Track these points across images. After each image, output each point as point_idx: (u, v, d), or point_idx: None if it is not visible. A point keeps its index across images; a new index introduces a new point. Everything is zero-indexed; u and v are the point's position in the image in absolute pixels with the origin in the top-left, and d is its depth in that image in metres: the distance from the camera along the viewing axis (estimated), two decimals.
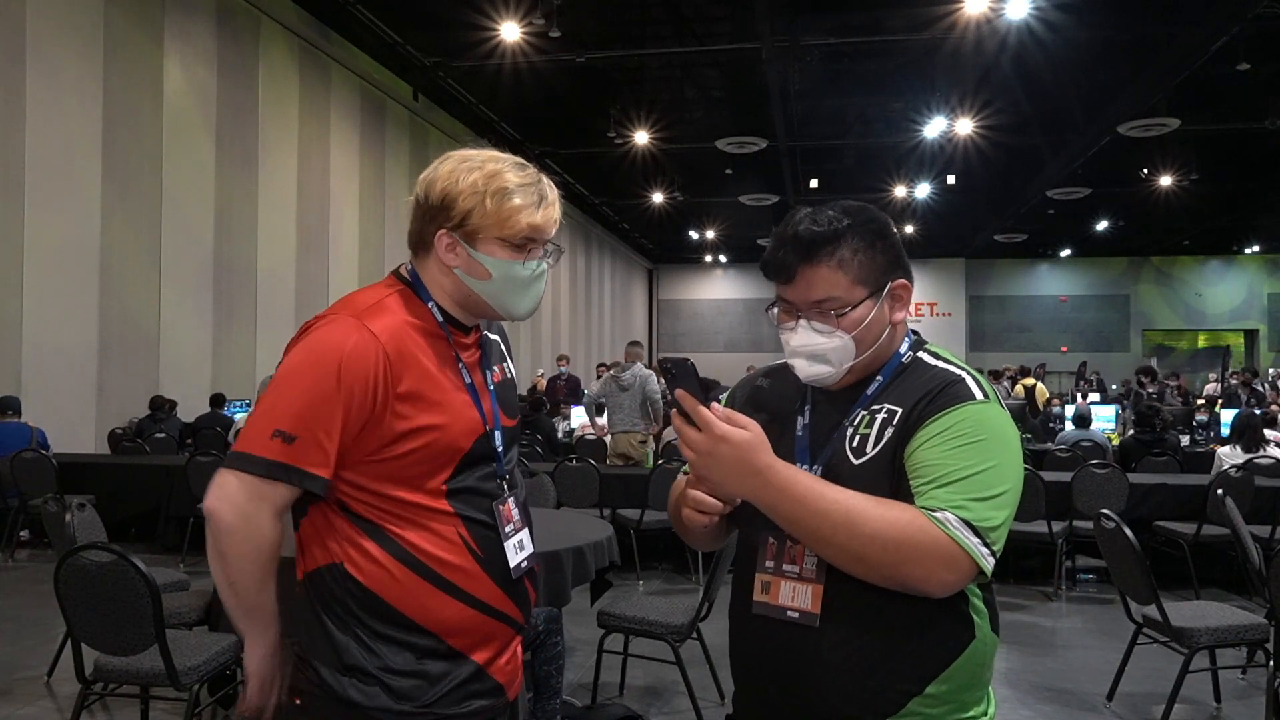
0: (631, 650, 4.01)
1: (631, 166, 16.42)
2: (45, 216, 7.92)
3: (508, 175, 1.46)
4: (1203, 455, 8.55)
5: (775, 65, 11.42)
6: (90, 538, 3.59)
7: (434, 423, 1.42)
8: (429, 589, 1.42)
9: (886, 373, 1.38)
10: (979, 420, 1.28)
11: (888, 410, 1.33)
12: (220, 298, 10.05)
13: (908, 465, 1.28)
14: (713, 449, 1.24)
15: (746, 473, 1.24)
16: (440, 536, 1.44)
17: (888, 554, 1.20)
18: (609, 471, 6.91)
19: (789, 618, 1.32)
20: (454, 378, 1.48)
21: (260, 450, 1.37)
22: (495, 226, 1.44)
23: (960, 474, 1.23)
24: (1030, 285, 27.28)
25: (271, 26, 10.79)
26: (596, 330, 23.61)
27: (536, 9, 10.00)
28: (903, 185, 17.63)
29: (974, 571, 1.22)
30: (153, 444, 8.26)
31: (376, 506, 1.42)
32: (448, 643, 1.44)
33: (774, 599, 1.34)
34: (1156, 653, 4.24)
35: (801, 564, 1.33)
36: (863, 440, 1.33)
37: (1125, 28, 10.83)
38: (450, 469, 1.45)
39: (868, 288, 1.34)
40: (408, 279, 1.52)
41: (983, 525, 1.21)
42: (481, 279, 1.47)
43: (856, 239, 1.35)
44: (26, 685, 4.24)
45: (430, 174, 1.48)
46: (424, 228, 1.48)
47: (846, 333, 1.34)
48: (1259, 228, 22.72)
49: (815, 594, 1.31)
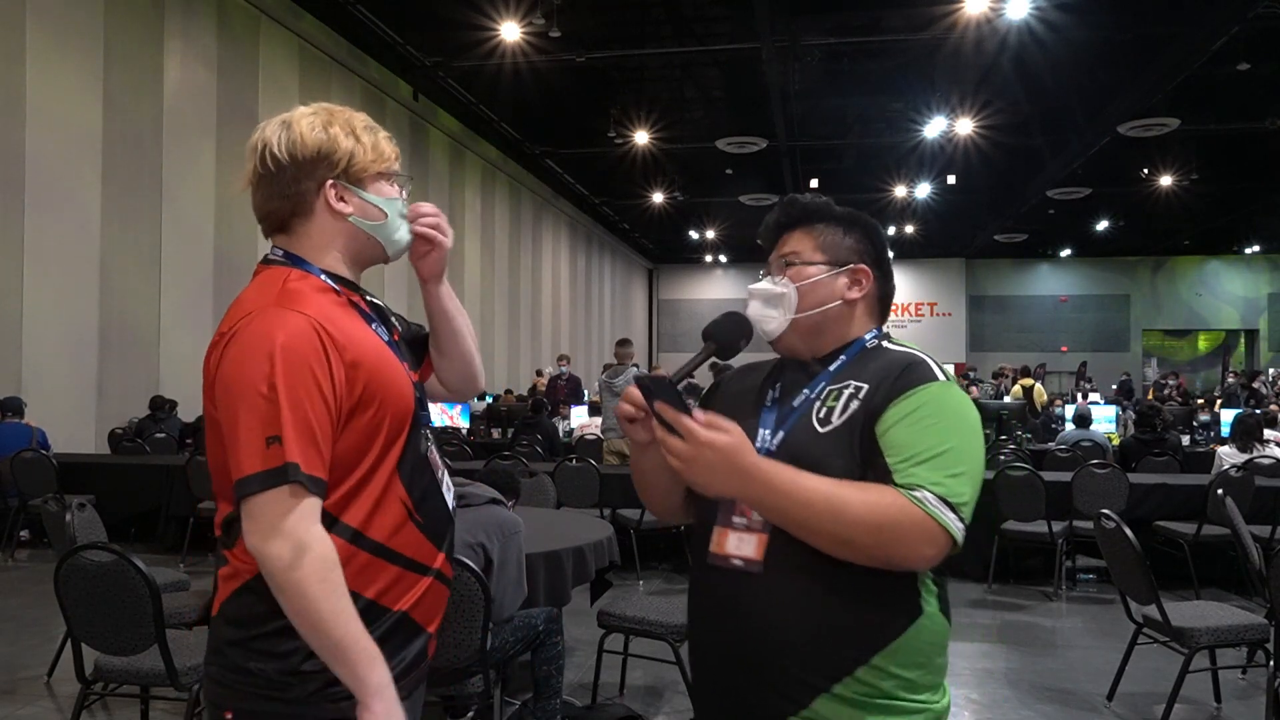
0: (631, 650, 4.01)
1: (631, 166, 16.43)
2: (45, 216, 7.92)
3: (354, 117, 1.46)
4: (1203, 455, 8.55)
5: (775, 65, 11.42)
6: (90, 538, 3.59)
7: (379, 388, 1.37)
8: (375, 563, 1.38)
9: (850, 353, 1.48)
10: (943, 400, 1.36)
11: (854, 386, 1.41)
12: (220, 298, 10.04)
13: (882, 443, 1.34)
14: (698, 455, 1.28)
15: (731, 473, 1.28)
16: (388, 508, 1.39)
17: (872, 536, 1.26)
18: (609, 471, 6.90)
19: (734, 565, 1.38)
20: (375, 339, 1.43)
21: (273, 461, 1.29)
22: (375, 162, 1.45)
23: (931, 452, 1.30)
24: (1030, 285, 27.28)
25: (271, 26, 10.79)
26: (596, 330, 23.61)
27: (536, 9, 10.01)
28: (903, 185, 17.63)
29: (950, 544, 1.28)
30: (153, 444, 8.26)
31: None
32: (408, 615, 1.41)
33: (720, 548, 1.41)
34: (1156, 653, 4.24)
35: (750, 515, 1.39)
36: (829, 411, 1.40)
37: (1125, 28, 10.83)
38: (402, 436, 1.41)
39: (828, 257, 1.49)
40: (283, 260, 1.45)
41: (956, 500, 1.28)
42: (377, 220, 1.46)
43: (836, 221, 1.52)
44: (26, 685, 4.24)
45: (284, 136, 1.40)
46: (297, 191, 1.41)
47: (793, 283, 1.48)
48: (1259, 228, 22.72)
49: (760, 542, 1.37)
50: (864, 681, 1.32)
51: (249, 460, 1.27)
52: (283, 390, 1.27)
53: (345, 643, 1.28)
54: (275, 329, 1.31)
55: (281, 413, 1.27)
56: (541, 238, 19.43)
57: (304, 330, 1.32)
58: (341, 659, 1.29)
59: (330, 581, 1.27)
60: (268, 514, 1.26)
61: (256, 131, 1.45)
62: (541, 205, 19.27)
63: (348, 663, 1.29)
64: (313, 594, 1.26)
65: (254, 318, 1.34)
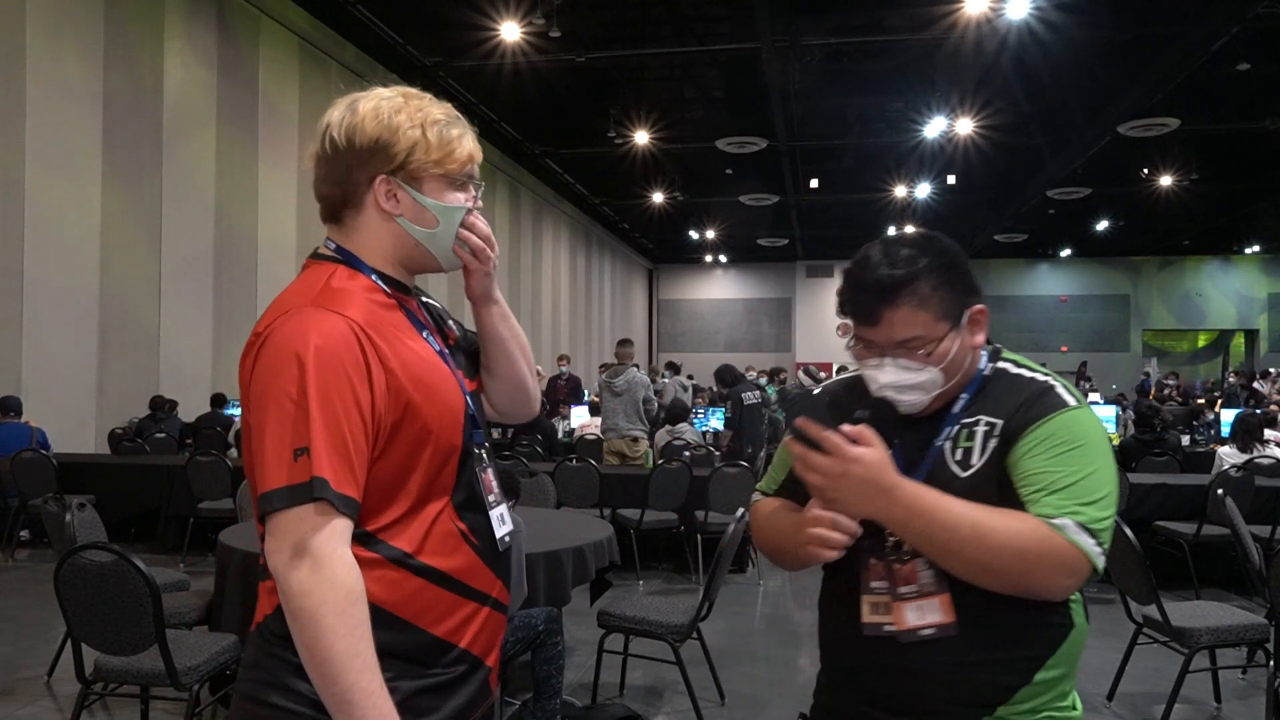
0: (631, 650, 4.01)
1: (631, 166, 16.42)
2: (45, 216, 7.92)
3: (432, 108, 1.33)
4: (1203, 455, 8.55)
5: (775, 65, 11.42)
6: (90, 538, 3.58)
7: (425, 400, 1.26)
8: (430, 589, 1.27)
9: (971, 389, 1.42)
10: (1075, 427, 1.33)
11: (986, 423, 1.38)
12: (220, 298, 10.05)
13: (1013, 473, 1.32)
14: (846, 471, 1.27)
15: (876, 491, 1.27)
16: (440, 530, 1.29)
17: (1014, 563, 1.25)
18: (609, 471, 6.91)
19: (925, 636, 1.34)
20: (424, 347, 1.31)
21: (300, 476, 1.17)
22: (439, 162, 1.30)
23: (1068, 480, 1.28)
24: (1030, 285, 27.27)
25: (271, 26, 10.79)
26: (596, 330, 23.60)
27: (536, 9, 10.00)
28: (903, 185, 17.62)
29: (1090, 572, 1.27)
30: (153, 444, 8.27)
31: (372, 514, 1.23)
32: (452, 643, 1.29)
33: (900, 623, 1.36)
34: (1156, 653, 4.24)
35: (917, 581, 1.36)
36: (966, 453, 1.37)
37: (1125, 28, 10.82)
38: (455, 453, 1.30)
39: (950, 321, 1.37)
40: (336, 256, 1.34)
41: (1095, 527, 1.26)
42: (428, 227, 1.33)
43: (933, 275, 1.37)
44: (26, 685, 4.24)
45: (347, 119, 1.30)
46: (350, 179, 1.30)
47: (935, 366, 1.37)
48: (1259, 228, 22.71)
49: (944, 604, 1.34)
50: (1023, 700, 1.33)
51: (274, 473, 1.16)
52: (314, 398, 1.16)
53: (354, 695, 1.13)
54: (309, 331, 1.20)
55: (312, 423, 1.16)
56: (541, 237, 19.43)
57: (341, 333, 1.21)
58: (348, 712, 1.13)
59: (350, 617, 1.14)
60: (291, 533, 1.15)
61: (331, 107, 1.35)
62: (541, 205, 19.26)
63: (353, 718, 1.13)
64: (328, 626, 1.13)
65: (289, 318, 1.23)
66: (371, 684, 1.15)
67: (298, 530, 1.15)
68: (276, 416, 1.18)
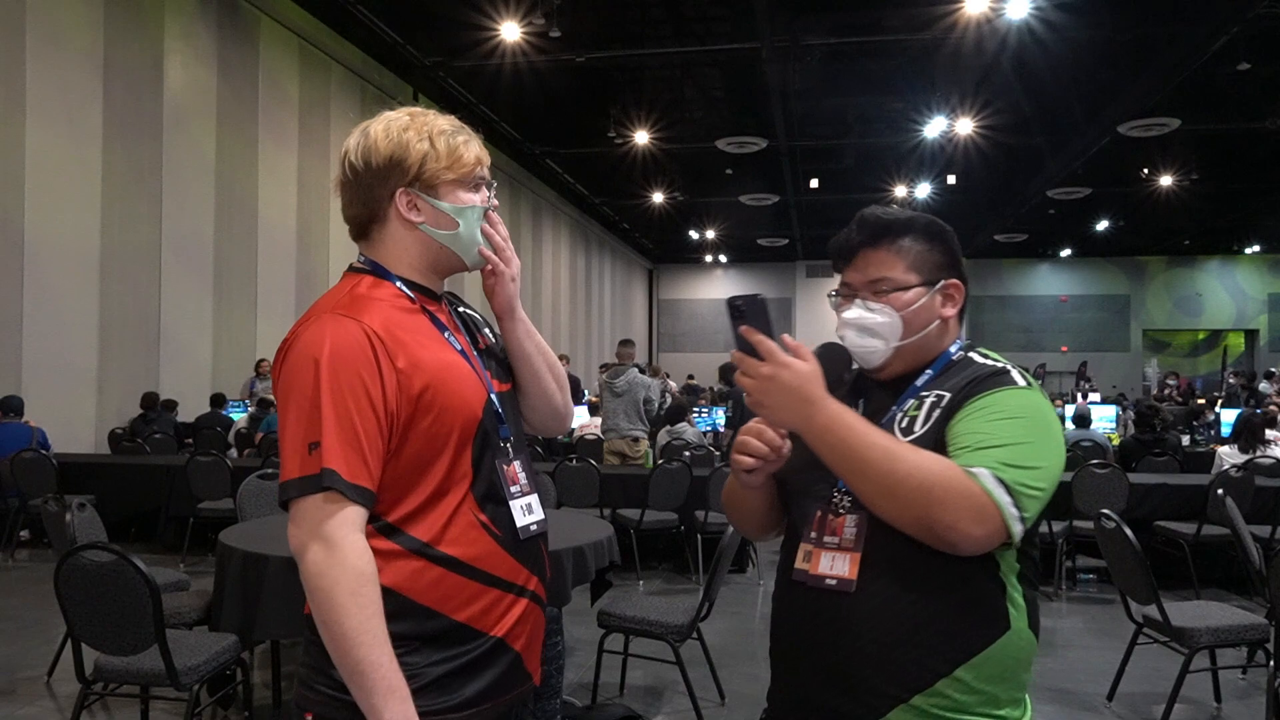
0: (631, 650, 4.01)
1: (631, 166, 16.43)
2: (45, 216, 7.92)
3: (437, 120, 1.44)
4: (1203, 455, 8.55)
5: (775, 65, 11.42)
6: (90, 538, 3.58)
7: (439, 395, 1.35)
8: (451, 578, 1.36)
9: (937, 367, 1.45)
10: (1019, 400, 1.33)
11: (936, 395, 1.39)
12: (221, 297, 10.06)
13: (948, 437, 1.32)
14: (775, 374, 1.28)
15: (801, 401, 1.28)
16: (461, 521, 1.37)
17: (919, 493, 1.22)
18: (609, 471, 6.91)
19: (827, 585, 1.36)
20: (444, 346, 1.42)
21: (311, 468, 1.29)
22: (449, 168, 1.42)
23: (998, 441, 1.27)
24: (1030, 285, 27.28)
25: (271, 26, 10.79)
26: (596, 330, 23.61)
27: (536, 9, 10.01)
28: (903, 185, 17.62)
29: (1002, 531, 1.23)
30: (153, 444, 8.27)
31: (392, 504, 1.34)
32: (477, 629, 1.37)
33: (814, 568, 1.39)
34: (1156, 653, 4.25)
35: (841, 534, 1.38)
36: (911, 420, 1.39)
37: (1125, 28, 10.83)
38: (470, 446, 1.38)
39: (921, 276, 1.43)
40: (365, 268, 1.47)
41: (1016, 486, 1.23)
42: (450, 229, 1.44)
43: (918, 233, 1.45)
44: (26, 685, 4.24)
45: (361, 143, 1.42)
46: (372, 197, 1.42)
47: (895, 310, 1.42)
48: (1259, 228, 22.72)
49: (853, 561, 1.35)
50: (943, 694, 1.30)
51: (291, 465, 1.29)
52: (326, 396, 1.28)
53: (365, 666, 1.24)
54: (325, 336, 1.32)
55: (324, 419, 1.28)
56: (541, 237, 19.43)
57: (354, 336, 1.32)
58: (359, 683, 1.25)
59: (361, 596, 1.25)
60: (307, 520, 1.27)
61: (348, 136, 1.46)
62: (541, 205, 19.27)
63: (364, 689, 1.25)
64: (340, 604, 1.24)
65: (310, 323, 1.36)
66: (381, 657, 1.25)
67: (313, 517, 1.27)
68: (295, 414, 1.31)
